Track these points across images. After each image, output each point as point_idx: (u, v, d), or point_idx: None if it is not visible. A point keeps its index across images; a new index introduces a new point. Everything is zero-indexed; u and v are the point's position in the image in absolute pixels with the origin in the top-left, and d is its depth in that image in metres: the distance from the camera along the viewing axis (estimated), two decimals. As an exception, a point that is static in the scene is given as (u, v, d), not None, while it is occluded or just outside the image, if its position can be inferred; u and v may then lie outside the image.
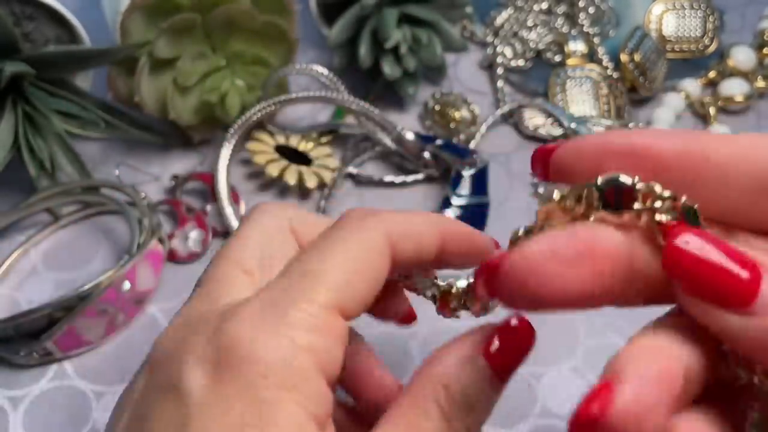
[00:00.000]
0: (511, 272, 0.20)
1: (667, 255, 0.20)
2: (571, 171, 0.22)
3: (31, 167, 0.46)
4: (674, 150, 0.21)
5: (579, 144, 0.22)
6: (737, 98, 0.53)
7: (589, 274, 0.20)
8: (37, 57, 0.45)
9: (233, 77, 0.49)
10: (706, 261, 0.19)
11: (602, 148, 0.22)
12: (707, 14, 0.56)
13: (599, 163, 0.21)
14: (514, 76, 0.56)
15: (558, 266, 0.20)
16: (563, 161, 0.23)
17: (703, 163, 0.21)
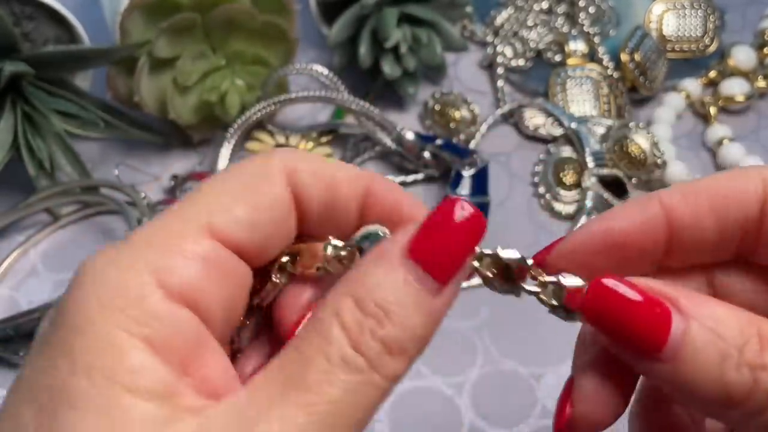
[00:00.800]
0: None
1: (587, 302, 0.21)
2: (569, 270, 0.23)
3: (31, 167, 0.46)
4: (643, 225, 0.23)
5: (561, 252, 0.24)
6: (738, 98, 0.53)
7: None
8: (36, 57, 0.45)
9: (233, 77, 0.49)
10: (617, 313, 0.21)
11: (583, 250, 0.23)
12: (708, 14, 0.56)
13: (587, 261, 0.23)
14: (515, 76, 0.56)
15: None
16: (557, 266, 0.23)
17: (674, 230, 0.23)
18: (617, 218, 0.23)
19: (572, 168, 0.50)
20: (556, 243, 0.24)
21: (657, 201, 0.22)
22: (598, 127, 0.51)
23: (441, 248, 0.20)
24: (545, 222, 0.49)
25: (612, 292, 0.21)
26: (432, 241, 0.20)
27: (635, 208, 0.23)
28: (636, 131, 0.50)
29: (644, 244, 0.22)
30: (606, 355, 0.23)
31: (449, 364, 0.42)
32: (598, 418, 0.23)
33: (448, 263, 0.20)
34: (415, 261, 0.20)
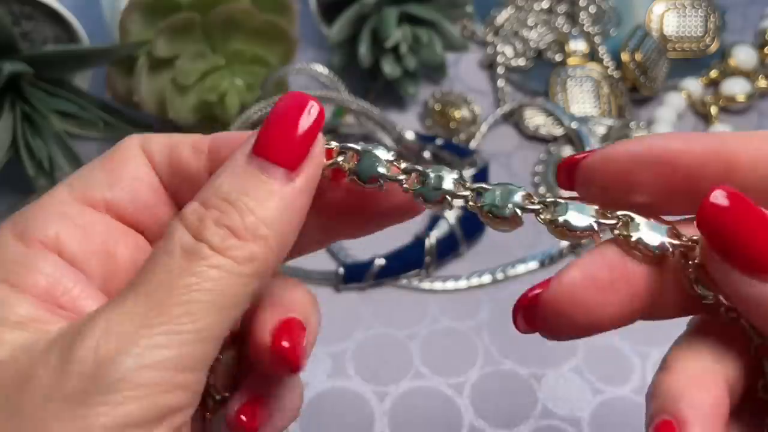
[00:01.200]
0: (552, 304, 0.20)
1: (702, 210, 0.19)
2: (600, 181, 0.22)
3: (30, 167, 0.46)
4: (704, 153, 0.21)
5: (608, 153, 0.21)
6: (739, 98, 0.53)
7: (625, 297, 0.20)
8: (35, 56, 0.45)
9: (232, 76, 0.49)
10: (739, 218, 0.19)
11: (633, 157, 0.21)
12: (708, 13, 0.56)
13: (630, 172, 0.21)
14: (515, 76, 0.56)
15: (597, 294, 0.20)
16: (592, 170, 0.22)
17: (733, 163, 0.20)
18: (673, 139, 0.21)
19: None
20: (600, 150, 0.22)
21: (716, 136, 0.21)
22: (599, 127, 0.51)
23: (283, 138, 0.21)
24: (546, 222, 0.49)
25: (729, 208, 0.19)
26: (273, 135, 0.21)
27: (694, 136, 0.21)
28: (637, 131, 0.50)
29: (697, 174, 0.21)
30: None
31: (449, 364, 0.42)
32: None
33: (293, 150, 0.21)
34: (259, 154, 0.21)
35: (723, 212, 0.19)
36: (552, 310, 0.20)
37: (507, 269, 0.46)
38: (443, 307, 0.44)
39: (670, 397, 0.20)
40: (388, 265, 0.45)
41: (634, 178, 0.21)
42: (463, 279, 0.45)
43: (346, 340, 0.43)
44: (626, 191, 0.21)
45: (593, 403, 0.40)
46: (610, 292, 0.20)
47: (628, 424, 0.39)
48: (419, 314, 0.44)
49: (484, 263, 0.46)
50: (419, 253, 0.45)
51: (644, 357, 0.41)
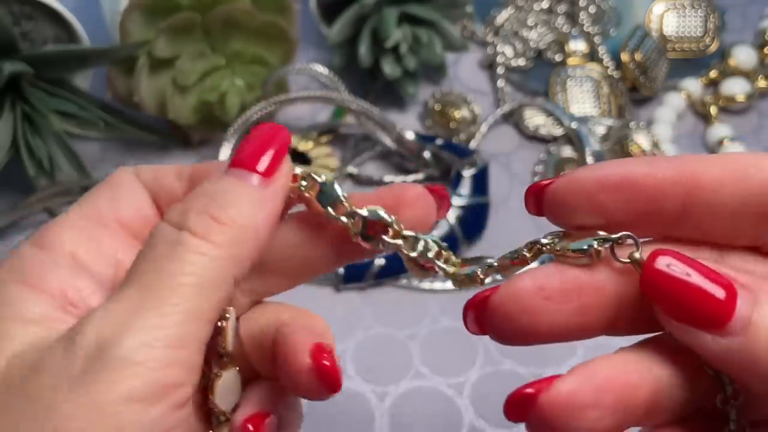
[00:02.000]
0: (500, 308, 0.21)
1: (644, 276, 0.20)
2: (566, 207, 0.22)
3: (30, 167, 0.46)
4: (668, 177, 0.21)
5: (573, 178, 0.22)
6: (738, 98, 0.53)
7: (575, 308, 0.21)
8: (35, 56, 0.45)
9: (233, 77, 0.49)
10: (681, 282, 0.19)
11: (597, 182, 0.21)
12: (708, 13, 0.56)
13: (595, 196, 0.21)
14: (515, 76, 0.56)
15: (545, 302, 0.21)
16: (558, 196, 0.22)
17: (696, 187, 0.21)
18: (637, 163, 0.21)
19: (573, 168, 0.50)
20: (566, 174, 0.22)
21: (677, 158, 0.21)
22: (599, 127, 0.51)
23: (255, 153, 0.23)
24: (545, 222, 0.49)
25: (674, 266, 0.20)
26: (247, 151, 0.23)
27: (659, 159, 0.22)
28: (636, 131, 0.50)
29: (660, 197, 0.21)
30: None
31: (449, 364, 0.42)
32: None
33: (264, 161, 0.23)
34: (234, 166, 0.23)
35: (667, 278, 0.20)
36: (499, 314, 0.21)
37: (507, 269, 0.46)
38: (443, 307, 0.44)
39: (578, 364, 0.21)
40: (388, 265, 0.45)
41: (600, 202, 0.21)
42: (463, 279, 0.45)
43: (346, 340, 0.43)
44: (592, 215, 0.22)
45: (593, 403, 0.40)
46: (559, 302, 0.21)
47: (627, 424, 0.40)
48: (419, 314, 0.44)
49: (484, 263, 0.46)
50: (419, 253, 0.45)
51: (644, 357, 0.41)
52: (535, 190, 0.23)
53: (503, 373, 0.41)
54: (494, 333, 0.22)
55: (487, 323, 0.22)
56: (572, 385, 0.20)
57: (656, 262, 0.20)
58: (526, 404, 0.20)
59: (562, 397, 0.20)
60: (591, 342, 0.42)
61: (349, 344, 0.42)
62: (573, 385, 0.20)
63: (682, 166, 0.21)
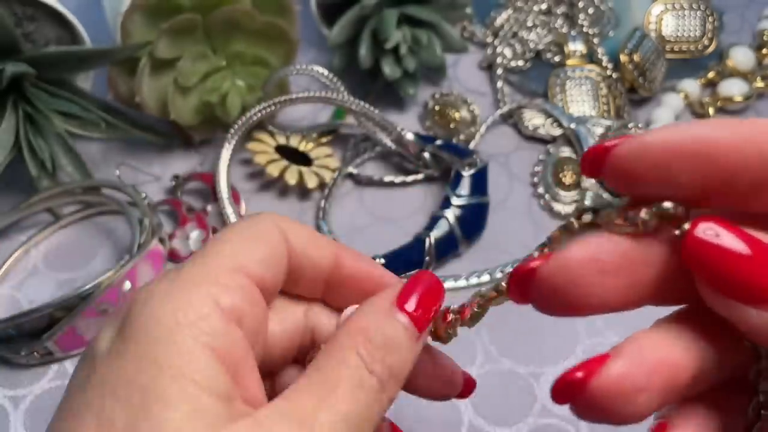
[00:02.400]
0: (550, 278, 0.20)
1: (687, 246, 0.19)
2: (631, 175, 0.20)
3: (32, 167, 0.46)
4: (750, 144, 0.19)
5: (643, 143, 0.20)
6: (736, 98, 0.53)
7: (627, 283, 0.20)
8: (38, 57, 0.45)
9: (234, 78, 0.49)
10: (724, 251, 0.18)
11: (672, 148, 0.19)
12: (706, 15, 0.56)
13: (668, 166, 0.19)
14: (514, 77, 0.56)
15: (597, 276, 0.20)
16: (622, 163, 0.20)
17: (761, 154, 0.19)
18: (715, 127, 0.19)
19: (571, 168, 0.50)
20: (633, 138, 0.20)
21: (754, 123, 0.19)
22: (598, 128, 0.51)
23: (420, 306, 0.26)
24: (544, 222, 0.49)
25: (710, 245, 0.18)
26: (410, 301, 0.26)
27: (738, 123, 0.19)
28: (635, 132, 0.50)
29: (741, 167, 0.19)
30: None
31: (449, 363, 0.42)
32: None
33: (424, 316, 0.26)
34: (403, 312, 0.25)
35: (711, 247, 0.18)
36: (548, 286, 0.20)
37: (506, 269, 0.46)
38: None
39: (624, 342, 0.20)
40: (387, 264, 0.45)
41: (670, 171, 0.19)
42: (463, 279, 0.45)
43: (346, 339, 0.43)
44: (660, 185, 0.20)
45: (592, 402, 0.40)
46: (613, 276, 0.20)
47: (626, 423, 0.40)
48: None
49: (483, 263, 0.47)
50: (419, 253, 0.46)
51: (642, 356, 0.42)
52: (595, 153, 0.21)
53: (502, 371, 0.42)
54: (539, 304, 0.21)
55: (534, 293, 0.21)
56: (623, 369, 0.19)
57: (697, 229, 0.18)
58: (575, 388, 0.20)
59: (613, 381, 0.19)
60: (590, 341, 0.42)
61: (349, 343, 0.43)
62: (624, 368, 0.19)
63: (759, 130, 0.19)
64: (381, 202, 0.50)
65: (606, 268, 0.20)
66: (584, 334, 0.43)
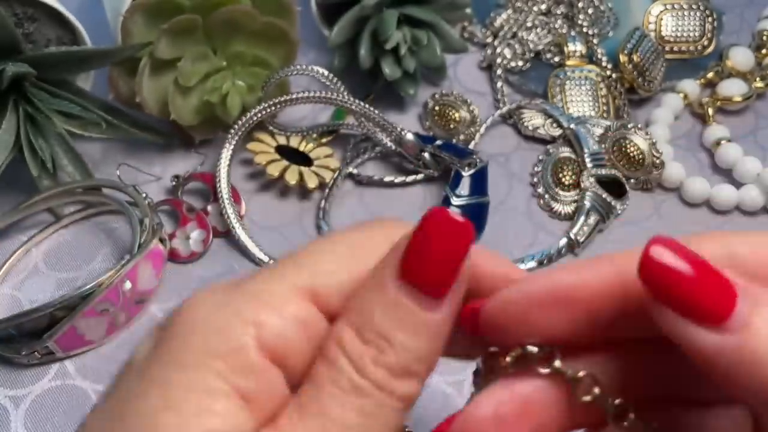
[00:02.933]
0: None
1: (644, 264, 0.19)
2: (498, 329, 0.22)
3: (33, 167, 0.46)
4: (598, 283, 0.21)
5: (505, 298, 0.21)
6: (735, 99, 0.53)
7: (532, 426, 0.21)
8: (38, 58, 0.45)
9: (234, 78, 0.49)
10: (682, 272, 0.19)
11: (529, 299, 0.21)
12: (706, 15, 0.56)
13: (529, 314, 0.21)
14: (514, 77, 0.56)
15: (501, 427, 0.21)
16: (492, 317, 0.22)
17: (629, 288, 0.20)
18: (569, 272, 0.21)
19: (571, 168, 0.50)
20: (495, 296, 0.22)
21: (610, 260, 0.21)
22: (597, 128, 0.51)
23: (430, 263, 0.21)
24: (544, 222, 0.49)
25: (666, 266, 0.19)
26: (420, 258, 0.21)
27: (587, 265, 0.21)
28: (634, 132, 0.50)
29: (595, 304, 0.21)
30: None
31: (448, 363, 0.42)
32: None
33: (440, 277, 0.21)
34: (408, 281, 0.21)
35: (666, 268, 0.19)
36: None
37: (506, 269, 0.46)
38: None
39: None
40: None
41: (533, 320, 0.21)
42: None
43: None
44: (527, 334, 0.21)
45: (591, 401, 0.40)
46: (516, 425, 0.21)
47: None
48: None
49: (483, 263, 0.47)
50: (419, 253, 0.46)
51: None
52: (469, 314, 0.22)
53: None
54: None
55: None
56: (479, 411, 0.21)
57: (653, 250, 0.19)
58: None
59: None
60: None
61: (349, 343, 0.43)
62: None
63: (612, 268, 0.21)
64: (381, 202, 0.50)
65: (507, 419, 0.21)
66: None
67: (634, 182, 0.50)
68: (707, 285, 0.19)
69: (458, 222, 0.21)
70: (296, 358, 0.21)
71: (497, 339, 0.22)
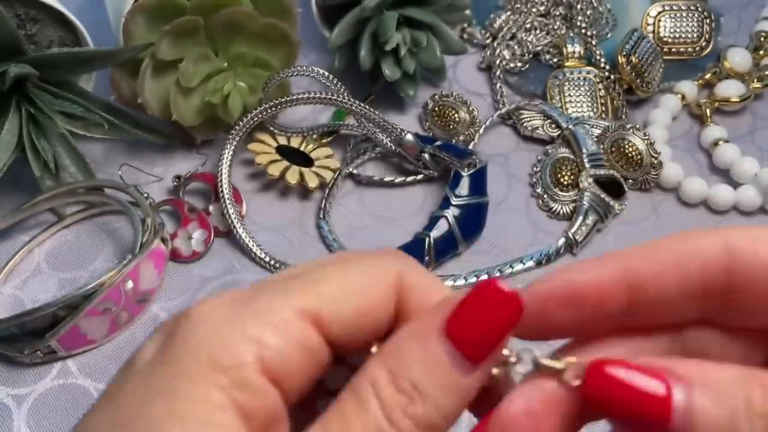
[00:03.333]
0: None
1: (587, 392, 0.20)
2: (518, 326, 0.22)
3: (35, 168, 0.46)
4: (607, 279, 0.21)
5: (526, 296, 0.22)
6: (733, 99, 0.54)
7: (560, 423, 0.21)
8: (41, 59, 0.45)
9: (235, 79, 0.49)
10: (618, 394, 0.20)
11: (540, 298, 0.22)
12: (704, 16, 0.57)
13: (542, 313, 0.22)
14: (513, 78, 0.56)
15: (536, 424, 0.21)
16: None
17: (636, 285, 0.21)
18: (576, 271, 0.22)
19: (570, 169, 0.50)
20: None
21: (614, 257, 0.22)
22: (595, 129, 0.51)
23: (476, 328, 0.21)
24: (543, 222, 0.49)
25: (609, 377, 0.20)
26: (468, 321, 0.21)
27: (593, 263, 0.22)
28: (632, 132, 0.50)
29: (603, 300, 0.22)
30: None
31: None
32: None
33: (482, 344, 0.21)
34: (450, 339, 0.21)
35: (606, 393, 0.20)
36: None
37: (505, 269, 0.46)
38: (442, 305, 0.45)
39: None
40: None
41: (548, 317, 0.22)
42: (462, 278, 0.46)
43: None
44: (546, 330, 0.22)
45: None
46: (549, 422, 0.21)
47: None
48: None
49: (483, 263, 0.47)
50: (418, 253, 0.46)
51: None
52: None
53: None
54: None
55: None
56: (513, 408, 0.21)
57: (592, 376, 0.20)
58: None
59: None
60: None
61: (349, 342, 0.43)
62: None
63: (617, 265, 0.21)
64: (381, 202, 0.50)
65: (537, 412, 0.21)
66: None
67: (632, 182, 0.50)
68: (645, 393, 0.19)
69: (510, 295, 0.21)
70: (293, 381, 0.21)
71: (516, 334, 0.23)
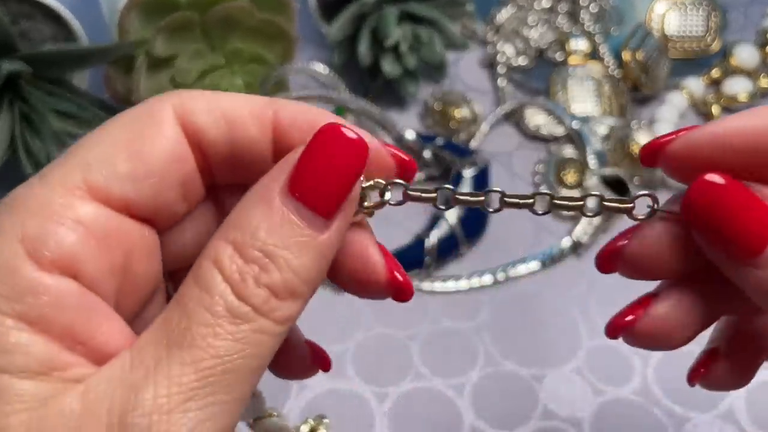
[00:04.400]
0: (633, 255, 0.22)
1: (684, 203, 0.20)
2: (685, 166, 0.22)
3: (28, 166, 0.46)
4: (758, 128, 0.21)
5: (691, 139, 0.21)
6: (740, 97, 0.53)
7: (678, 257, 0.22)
8: (34, 55, 0.45)
9: (232, 75, 0.49)
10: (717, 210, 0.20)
11: (716, 140, 0.21)
12: (710, 12, 0.56)
13: (714, 157, 0.21)
14: (516, 75, 0.56)
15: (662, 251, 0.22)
16: (676, 157, 0.22)
17: None
18: (752, 117, 0.21)
19: (573, 167, 0.50)
20: (683, 131, 0.22)
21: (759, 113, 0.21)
22: (600, 127, 0.51)
23: (321, 180, 0.19)
24: (546, 222, 0.49)
25: (715, 187, 0.20)
26: (311, 174, 0.19)
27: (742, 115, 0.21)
28: (638, 130, 0.50)
29: (757, 143, 0.21)
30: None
31: (450, 365, 0.41)
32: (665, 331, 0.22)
33: (331, 195, 0.19)
34: (296, 196, 0.19)
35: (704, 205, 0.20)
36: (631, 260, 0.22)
37: (508, 269, 0.46)
38: (443, 308, 0.44)
39: None
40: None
41: (719, 161, 0.21)
42: (464, 279, 0.45)
43: (346, 340, 0.42)
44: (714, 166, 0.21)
45: (594, 404, 0.40)
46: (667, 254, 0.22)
47: (629, 425, 0.39)
48: (419, 315, 0.44)
49: (485, 263, 0.46)
50: (419, 253, 0.45)
51: (645, 358, 0.41)
52: (652, 149, 0.22)
53: (504, 374, 0.41)
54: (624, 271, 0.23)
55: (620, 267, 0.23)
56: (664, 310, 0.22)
57: (695, 186, 0.20)
58: (625, 330, 0.23)
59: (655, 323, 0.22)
60: (593, 344, 0.42)
61: (349, 345, 0.42)
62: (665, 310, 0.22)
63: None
64: (381, 202, 0.50)
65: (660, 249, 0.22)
66: (586, 337, 0.42)
67: (638, 181, 0.49)
68: (743, 219, 0.19)
69: (352, 139, 0.19)
70: (93, 266, 0.19)
71: (677, 177, 0.23)
